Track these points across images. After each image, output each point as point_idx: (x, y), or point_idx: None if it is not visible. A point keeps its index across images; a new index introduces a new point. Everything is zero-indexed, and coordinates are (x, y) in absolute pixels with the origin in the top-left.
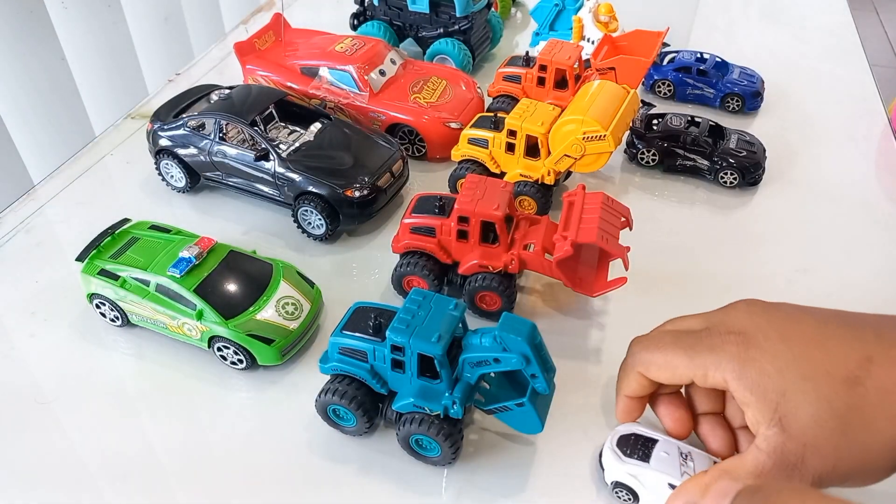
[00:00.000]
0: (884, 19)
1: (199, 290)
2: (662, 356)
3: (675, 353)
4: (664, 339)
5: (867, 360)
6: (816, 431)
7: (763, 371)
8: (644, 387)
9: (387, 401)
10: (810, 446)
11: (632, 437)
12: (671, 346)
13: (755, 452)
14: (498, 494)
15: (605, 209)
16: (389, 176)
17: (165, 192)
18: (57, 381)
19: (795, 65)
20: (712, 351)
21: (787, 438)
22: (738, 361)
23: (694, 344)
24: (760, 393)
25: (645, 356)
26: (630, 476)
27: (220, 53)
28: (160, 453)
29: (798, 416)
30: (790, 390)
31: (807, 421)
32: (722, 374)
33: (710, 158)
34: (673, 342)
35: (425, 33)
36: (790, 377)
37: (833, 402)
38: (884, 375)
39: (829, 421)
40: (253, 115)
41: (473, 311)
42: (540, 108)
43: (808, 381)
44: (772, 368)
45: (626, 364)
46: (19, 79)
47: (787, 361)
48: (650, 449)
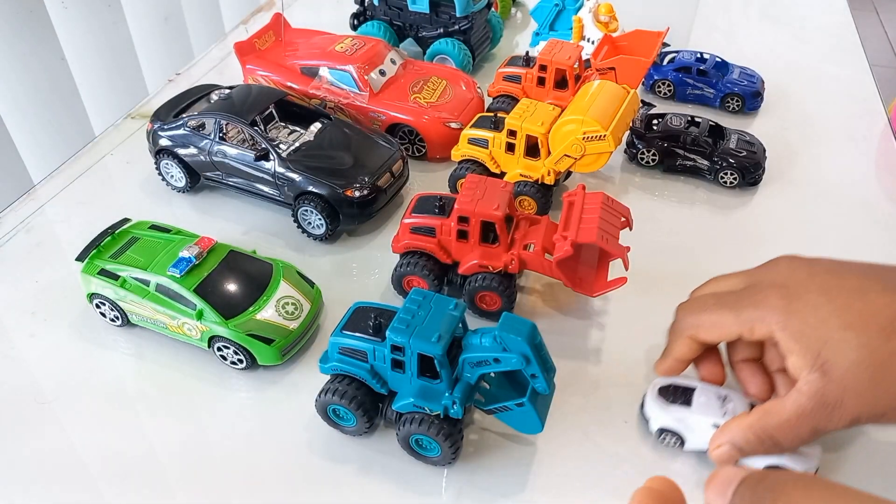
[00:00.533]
0: (884, 19)
1: (199, 290)
2: (710, 318)
3: (722, 314)
4: (708, 302)
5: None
6: (856, 376)
7: (806, 322)
8: (693, 349)
9: (387, 401)
10: (850, 389)
11: (671, 387)
12: (716, 307)
13: (796, 395)
14: (498, 494)
15: (605, 209)
16: (389, 176)
17: (165, 192)
18: (57, 381)
19: (795, 65)
20: (757, 306)
21: (828, 382)
22: (782, 314)
23: (738, 301)
24: (804, 342)
25: (693, 320)
26: (676, 421)
27: (220, 53)
28: (160, 453)
29: (839, 363)
30: (832, 339)
31: (847, 367)
32: (768, 326)
33: (710, 158)
34: (717, 303)
35: (425, 33)
36: (832, 326)
37: (873, 350)
38: None
39: (869, 367)
40: (253, 115)
41: (473, 311)
42: (540, 108)
43: (848, 330)
44: (814, 319)
45: (676, 329)
46: (19, 79)
47: (829, 312)
48: (690, 395)
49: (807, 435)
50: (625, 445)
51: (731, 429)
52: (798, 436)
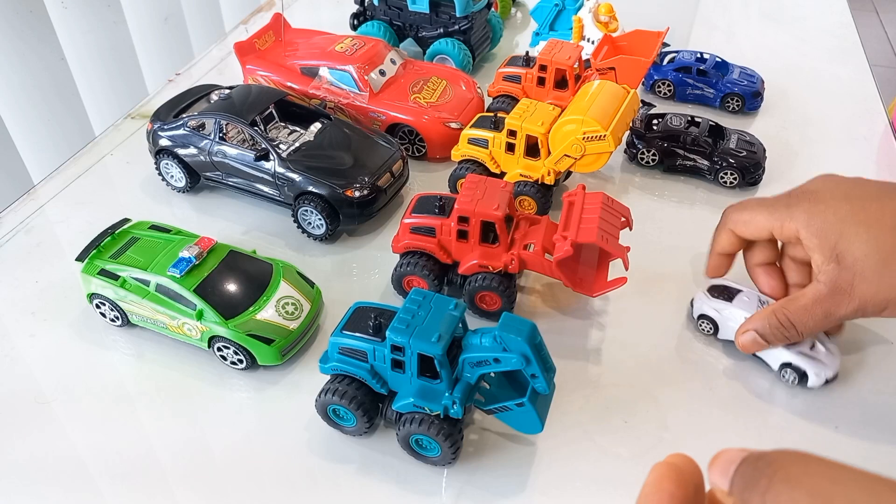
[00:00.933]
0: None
1: (199, 290)
2: (749, 214)
3: (759, 211)
4: (751, 203)
5: None
6: (865, 264)
7: (826, 220)
8: (733, 244)
9: (387, 401)
10: (859, 275)
11: (721, 287)
12: (756, 206)
13: (815, 284)
14: (498, 494)
15: (605, 209)
16: (389, 176)
17: (165, 192)
18: (57, 381)
19: (795, 65)
20: (788, 207)
21: (842, 269)
22: (807, 214)
23: (774, 203)
24: (823, 237)
25: (734, 216)
26: (714, 310)
27: (220, 53)
28: (160, 453)
29: (851, 252)
30: (846, 233)
31: (858, 255)
32: (794, 223)
33: (710, 158)
34: (758, 204)
35: (425, 33)
36: (848, 223)
37: (880, 243)
38: None
39: (876, 255)
40: (253, 115)
41: (473, 311)
42: (540, 108)
43: (861, 226)
44: (834, 218)
45: (719, 225)
46: (19, 79)
47: (847, 212)
48: (734, 295)
49: (820, 318)
50: (625, 445)
51: (755, 318)
52: (812, 319)
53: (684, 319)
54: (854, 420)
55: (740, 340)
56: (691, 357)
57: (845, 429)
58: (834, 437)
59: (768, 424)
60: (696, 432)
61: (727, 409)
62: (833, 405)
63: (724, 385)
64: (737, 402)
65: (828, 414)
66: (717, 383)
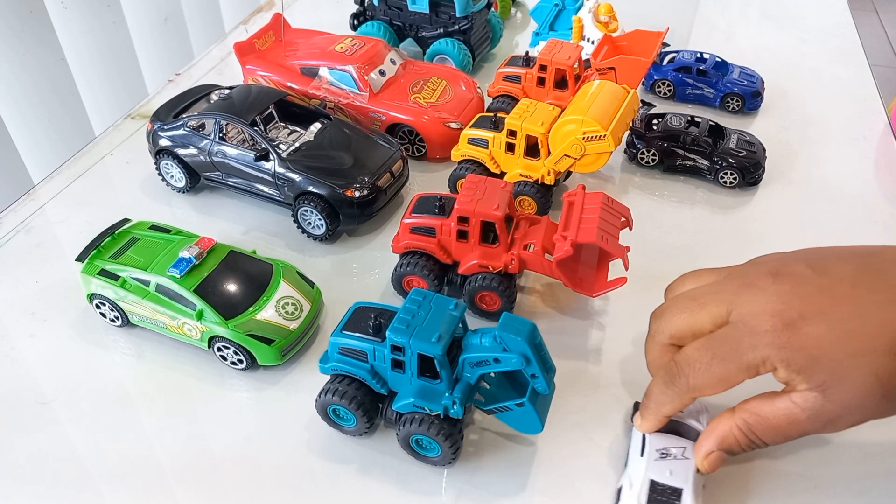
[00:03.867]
0: (884, 19)
1: (199, 290)
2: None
3: (724, 367)
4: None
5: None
6: (861, 400)
7: (811, 357)
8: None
9: (387, 401)
10: (851, 408)
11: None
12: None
13: (789, 405)
14: (498, 494)
15: (605, 209)
16: (389, 176)
17: (165, 192)
18: (57, 381)
19: (795, 65)
20: (756, 348)
21: (827, 403)
22: (784, 351)
23: (736, 349)
24: (807, 374)
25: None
26: None
27: (220, 53)
28: (160, 453)
29: (844, 389)
30: (837, 369)
31: (853, 393)
32: (772, 364)
33: (710, 158)
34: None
35: (425, 33)
36: (837, 357)
37: (879, 374)
38: None
39: (875, 390)
40: (253, 115)
41: (473, 311)
42: (540, 108)
43: (853, 358)
44: (819, 353)
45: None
46: (19, 79)
47: (832, 343)
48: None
49: (795, 437)
50: (625, 445)
51: (717, 433)
52: (786, 438)
53: None
54: None
55: (707, 464)
56: None
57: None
58: (834, 437)
59: None
60: None
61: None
62: None
63: None
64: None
65: None
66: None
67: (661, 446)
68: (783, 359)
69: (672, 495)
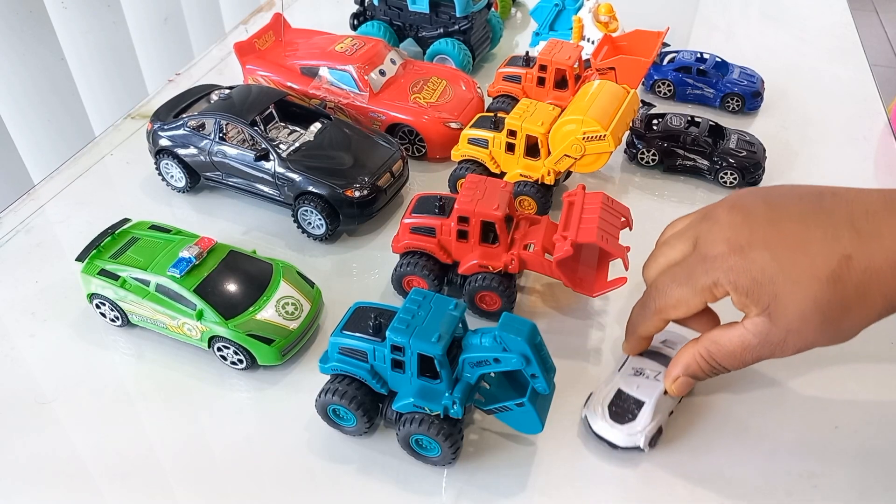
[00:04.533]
0: (884, 19)
1: (199, 290)
2: (676, 297)
3: (681, 290)
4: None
5: (846, 258)
6: (800, 324)
7: (755, 281)
8: (661, 327)
9: (387, 401)
10: (793, 332)
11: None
12: (673, 286)
13: (742, 331)
14: (498, 494)
15: (605, 209)
16: (389, 176)
17: (165, 192)
18: (57, 381)
19: (795, 65)
20: (708, 272)
21: (773, 327)
22: (732, 274)
23: (691, 273)
24: (753, 297)
25: (661, 302)
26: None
27: (220, 53)
28: (160, 453)
29: (786, 313)
30: (780, 293)
31: (792, 317)
32: (723, 289)
33: (710, 158)
34: (673, 282)
35: (425, 33)
36: (780, 283)
37: (818, 300)
38: (860, 271)
39: (814, 315)
40: (253, 115)
41: (473, 311)
42: (540, 108)
43: (795, 284)
44: (763, 278)
45: (645, 312)
46: (19, 79)
47: (776, 270)
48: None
49: (751, 362)
50: None
51: (682, 361)
52: (744, 363)
53: None
54: (854, 420)
55: (675, 388)
56: None
57: (845, 429)
58: (834, 437)
59: (767, 425)
60: (696, 433)
61: (727, 410)
62: (833, 405)
63: (722, 385)
64: (735, 401)
65: (828, 414)
66: (716, 383)
67: (639, 366)
68: (730, 281)
69: (633, 405)
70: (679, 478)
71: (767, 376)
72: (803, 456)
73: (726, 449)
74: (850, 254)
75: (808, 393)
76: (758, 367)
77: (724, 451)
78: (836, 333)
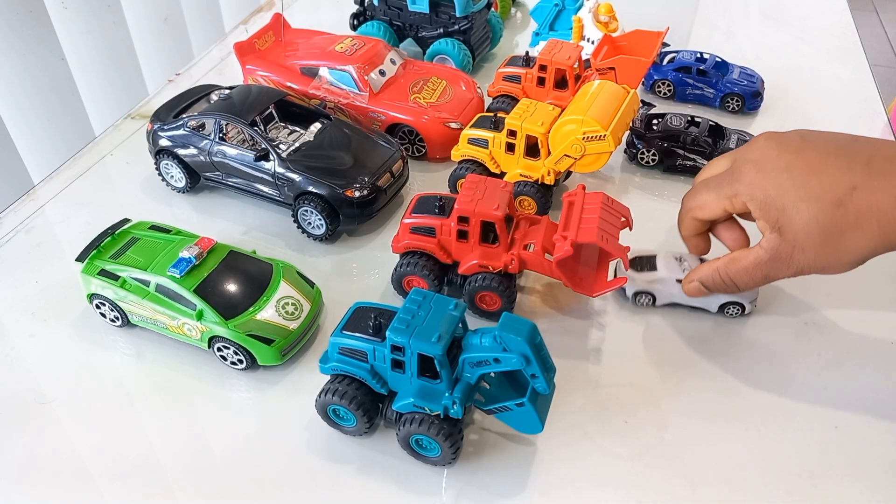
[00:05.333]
0: (884, 19)
1: (199, 290)
2: (702, 199)
3: (708, 195)
4: (701, 186)
5: (852, 188)
6: (804, 239)
7: (768, 195)
8: (696, 227)
9: (387, 401)
10: (798, 248)
11: (635, 259)
12: (706, 189)
13: (757, 249)
14: (498, 494)
15: (605, 209)
16: (389, 176)
17: (165, 192)
18: (57, 381)
19: (795, 65)
20: (732, 185)
21: (782, 241)
22: (750, 188)
23: (720, 184)
24: (766, 210)
25: (689, 203)
26: (647, 283)
27: (220, 53)
28: (160, 453)
29: (792, 227)
30: (788, 209)
31: (798, 231)
32: (741, 199)
33: (710, 158)
34: (706, 187)
35: (425, 33)
36: (789, 199)
37: (819, 219)
38: (863, 201)
39: (815, 231)
40: (253, 115)
41: (473, 311)
42: (540, 108)
43: (802, 202)
44: (775, 193)
45: (680, 214)
46: (19, 79)
47: (788, 188)
48: (654, 262)
49: (760, 280)
50: (625, 445)
51: (701, 270)
52: (753, 280)
53: (684, 319)
54: (854, 420)
55: (688, 289)
56: (691, 357)
57: (845, 429)
58: (834, 437)
59: (767, 424)
60: (697, 432)
61: (727, 409)
62: (833, 405)
63: (724, 386)
64: (737, 402)
65: (828, 414)
66: (717, 384)
67: (678, 256)
68: (748, 193)
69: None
70: (679, 478)
71: (768, 376)
72: (803, 456)
73: (726, 449)
74: (857, 185)
75: (808, 393)
76: (758, 366)
77: (724, 450)
78: (835, 256)
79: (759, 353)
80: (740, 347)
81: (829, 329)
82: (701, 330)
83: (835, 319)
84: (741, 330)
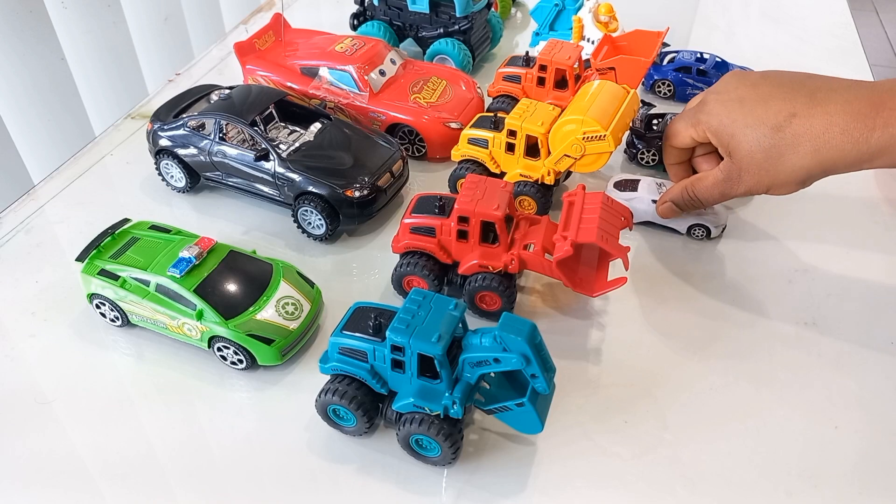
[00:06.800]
0: (884, 19)
1: (199, 290)
2: (673, 129)
3: (679, 124)
4: (675, 119)
5: (792, 115)
6: (748, 161)
7: (722, 122)
8: (674, 154)
9: (387, 401)
10: (744, 169)
11: (623, 181)
12: (678, 121)
13: (716, 171)
14: (498, 494)
15: (605, 209)
16: (389, 176)
17: (165, 192)
18: (57, 381)
19: (795, 65)
20: (696, 114)
21: (733, 163)
22: (708, 116)
23: (689, 113)
24: (720, 136)
25: (666, 132)
26: (626, 201)
27: (220, 53)
28: (160, 453)
29: (738, 151)
30: (736, 134)
31: (743, 154)
32: (702, 127)
33: None
34: (679, 118)
35: (425, 33)
36: (738, 126)
37: (761, 142)
38: (799, 126)
39: (758, 154)
40: (253, 115)
41: (473, 311)
42: (540, 108)
43: (748, 128)
44: (728, 121)
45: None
46: (19, 79)
47: (738, 116)
48: (636, 185)
49: (718, 197)
50: (625, 445)
51: (673, 190)
52: (713, 196)
53: (684, 319)
54: (854, 420)
55: (660, 209)
56: (691, 357)
57: (845, 429)
58: (834, 437)
59: (768, 426)
60: (697, 432)
61: (728, 410)
62: (833, 405)
63: (724, 386)
64: (738, 403)
65: (828, 414)
66: (717, 383)
67: (660, 182)
68: (706, 121)
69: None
70: (679, 478)
71: (768, 376)
72: (803, 456)
73: (727, 449)
74: (797, 112)
75: (808, 393)
76: (759, 366)
77: (724, 451)
78: (776, 176)
79: (760, 353)
80: (741, 347)
81: (829, 329)
82: (705, 329)
83: (835, 319)
84: (742, 329)
